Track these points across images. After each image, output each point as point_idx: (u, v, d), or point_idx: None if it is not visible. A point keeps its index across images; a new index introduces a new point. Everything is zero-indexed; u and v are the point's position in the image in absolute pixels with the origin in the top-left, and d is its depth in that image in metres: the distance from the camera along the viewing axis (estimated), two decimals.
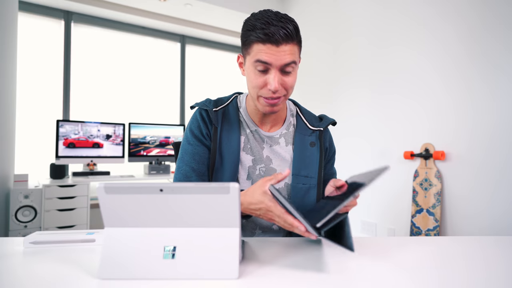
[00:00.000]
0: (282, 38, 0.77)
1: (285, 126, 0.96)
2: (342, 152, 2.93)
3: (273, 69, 0.80)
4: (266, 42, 0.77)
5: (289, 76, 0.82)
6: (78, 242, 0.71)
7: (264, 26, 0.77)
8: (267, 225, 0.92)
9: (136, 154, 3.12)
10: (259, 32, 0.77)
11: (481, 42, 2.07)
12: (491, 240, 0.78)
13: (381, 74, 2.70)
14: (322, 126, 0.96)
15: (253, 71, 0.82)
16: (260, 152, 0.92)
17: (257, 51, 0.79)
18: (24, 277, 0.55)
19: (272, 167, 0.92)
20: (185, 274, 0.52)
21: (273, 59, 0.78)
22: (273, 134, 0.94)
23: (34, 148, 2.94)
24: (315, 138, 0.94)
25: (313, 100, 3.36)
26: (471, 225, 2.10)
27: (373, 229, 2.74)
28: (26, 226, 2.28)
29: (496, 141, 2.00)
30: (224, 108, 0.94)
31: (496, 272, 0.58)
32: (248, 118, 0.94)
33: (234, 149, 0.89)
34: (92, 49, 3.30)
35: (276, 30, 0.76)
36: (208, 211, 0.54)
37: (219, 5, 3.31)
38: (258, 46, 0.79)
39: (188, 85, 3.90)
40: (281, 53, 0.78)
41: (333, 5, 3.17)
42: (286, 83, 0.82)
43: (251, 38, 0.79)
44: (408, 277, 0.54)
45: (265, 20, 0.78)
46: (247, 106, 0.95)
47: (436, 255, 0.66)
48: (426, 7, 2.37)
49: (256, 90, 0.83)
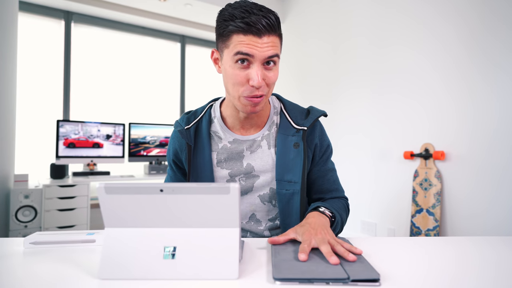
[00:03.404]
0: (265, 28, 0.71)
1: (267, 127, 0.89)
2: (342, 151, 2.93)
3: (255, 62, 0.73)
4: (247, 32, 0.70)
5: (271, 71, 0.76)
6: (78, 243, 0.71)
7: (244, 15, 0.70)
8: (257, 231, 0.90)
9: (136, 154, 3.12)
10: (238, 22, 0.70)
11: (481, 42, 2.07)
12: (491, 240, 0.78)
13: (381, 73, 2.70)
14: (307, 123, 0.86)
15: (232, 66, 0.74)
16: (237, 163, 0.87)
17: (237, 43, 0.71)
18: (24, 277, 0.55)
19: (254, 174, 0.87)
20: (185, 274, 0.52)
21: (255, 51, 0.71)
22: (254, 136, 0.88)
23: (34, 148, 2.94)
24: (299, 138, 0.85)
25: (313, 100, 3.36)
26: (471, 225, 2.10)
27: (373, 229, 2.74)
28: (26, 226, 2.28)
29: (496, 141, 2.00)
30: (197, 123, 0.90)
31: (496, 272, 0.58)
32: (223, 128, 0.88)
33: (207, 166, 0.86)
34: (92, 49, 3.30)
35: (257, 20, 0.70)
36: (208, 211, 0.54)
37: (219, 5, 3.31)
38: (238, 37, 0.71)
39: (188, 85, 3.90)
40: (264, 45, 0.71)
41: (333, 5, 3.17)
42: (269, 79, 0.76)
43: (230, 28, 0.71)
44: (408, 277, 0.55)
45: (244, 9, 0.71)
46: (223, 111, 0.90)
47: (436, 255, 0.66)
48: (426, 7, 2.37)
49: (237, 88, 0.75)
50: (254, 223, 0.89)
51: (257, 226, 0.89)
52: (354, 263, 0.56)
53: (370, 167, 2.78)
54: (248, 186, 0.88)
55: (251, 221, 0.89)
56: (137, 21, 3.47)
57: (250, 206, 0.89)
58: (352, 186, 2.86)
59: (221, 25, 0.74)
